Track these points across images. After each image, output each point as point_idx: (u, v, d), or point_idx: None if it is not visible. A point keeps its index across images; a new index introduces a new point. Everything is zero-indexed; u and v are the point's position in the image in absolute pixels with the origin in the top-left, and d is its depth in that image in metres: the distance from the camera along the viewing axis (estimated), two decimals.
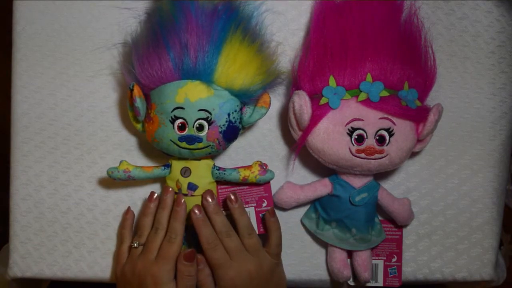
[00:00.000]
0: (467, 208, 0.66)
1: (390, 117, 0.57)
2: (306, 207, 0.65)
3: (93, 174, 0.64)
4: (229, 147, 0.64)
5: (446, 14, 0.65)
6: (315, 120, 0.57)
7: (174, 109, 0.55)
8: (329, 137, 0.57)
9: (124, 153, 0.64)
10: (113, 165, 0.60)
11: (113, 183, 0.64)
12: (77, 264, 0.64)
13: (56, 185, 0.64)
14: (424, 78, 0.59)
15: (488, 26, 0.65)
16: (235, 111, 0.56)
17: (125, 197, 0.64)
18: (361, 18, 0.58)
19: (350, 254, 0.64)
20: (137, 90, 0.55)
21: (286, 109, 0.61)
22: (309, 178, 0.65)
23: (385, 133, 0.57)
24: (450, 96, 0.65)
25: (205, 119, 0.55)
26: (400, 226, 0.65)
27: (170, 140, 0.56)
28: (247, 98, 0.57)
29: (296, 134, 0.60)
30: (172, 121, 0.55)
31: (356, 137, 0.57)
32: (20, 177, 0.64)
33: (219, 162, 0.64)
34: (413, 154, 0.64)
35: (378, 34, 0.57)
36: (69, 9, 0.64)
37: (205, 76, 0.54)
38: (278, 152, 0.65)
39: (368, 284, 0.64)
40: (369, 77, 0.56)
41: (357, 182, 0.61)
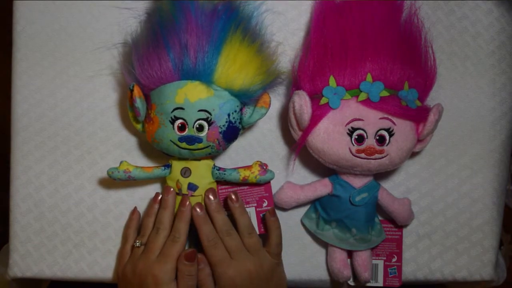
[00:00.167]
0: (467, 208, 0.66)
1: (390, 117, 0.57)
2: (306, 207, 0.65)
3: (93, 174, 0.64)
4: (229, 147, 0.64)
5: (446, 14, 0.65)
6: (315, 120, 0.57)
7: (174, 109, 0.55)
8: (329, 137, 0.57)
9: (124, 153, 0.64)
10: (113, 165, 0.60)
11: (113, 183, 0.64)
12: (77, 264, 0.64)
13: (56, 185, 0.64)
14: (424, 78, 0.59)
15: (488, 26, 0.65)
16: (235, 111, 0.56)
17: (125, 197, 0.64)
18: (361, 18, 0.58)
19: (350, 254, 0.64)
20: (137, 90, 0.55)
21: (286, 109, 0.61)
22: (309, 178, 0.65)
23: (385, 133, 0.57)
24: (450, 96, 0.65)
25: (205, 119, 0.55)
26: (400, 226, 0.65)
27: (170, 140, 0.56)
28: (247, 98, 0.57)
29: (296, 134, 0.60)
30: (172, 122, 0.55)
31: (356, 137, 0.57)
32: (20, 177, 0.64)
33: (219, 162, 0.64)
34: (413, 154, 0.64)
35: (378, 34, 0.57)
36: (69, 9, 0.64)
37: (205, 76, 0.54)
38: (278, 152, 0.65)
39: (368, 284, 0.64)
40: (369, 77, 0.56)
41: (357, 182, 0.61)
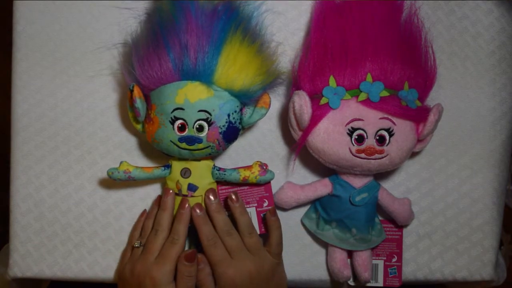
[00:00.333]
0: (467, 208, 0.66)
1: (390, 117, 0.57)
2: (306, 207, 0.65)
3: (93, 174, 0.64)
4: (229, 148, 0.64)
5: (446, 14, 0.65)
6: (315, 120, 0.57)
7: (174, 110, 0.55)
8: (329, 137, 0.57)
9: (124, 153, 0.64)
10: (113, 165, 0.60)
11: (113, 183, 0.64)
12: (77, 264, 0.64)
13: (56, 185, 0.64)
14: (424, 78, 0.59)
15: (488, 26, 0.65)
16: (235, 111, 0.56)
17: (125, 197, 0.64)
18: (361, 18, 0.58)
19: (350, 254, 0.64)
20: (137, 90, 0.55)
21: (286, 109, 0.61)
22: (309, 178, 0.65)
23: (385, 133, 0.57)
24: (450, 96, 0.65)
25: (205, 120, 0.55)
26: (400, 226, 0.65)
27: (170, 140, 0.56)
28: (247, 98, 0.57)
29: (296, 134, 0.60)
30: (172, 122, 0.55)
31: (356, 137, 0.57)
32: (20, 177, 0.64)
33: (219, 163, 0.64)
34: (413, 154, 0.64)
35: (378, 34, 0.57)
36: (69, 9, 0.64)
37: (205, 77, 0.54)
38: (278, 152, 0.65)
39: (368, 284, 0.64)
40: (369, 77, 0.56)
41: (357, 182, 0.61)
